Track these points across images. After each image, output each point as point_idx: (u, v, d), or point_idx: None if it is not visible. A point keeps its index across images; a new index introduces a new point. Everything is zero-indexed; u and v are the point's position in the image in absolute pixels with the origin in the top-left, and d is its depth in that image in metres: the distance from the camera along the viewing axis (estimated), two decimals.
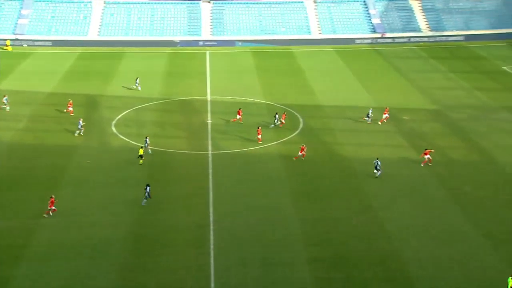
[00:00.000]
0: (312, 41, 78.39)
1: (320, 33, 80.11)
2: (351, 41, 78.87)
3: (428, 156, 40.14)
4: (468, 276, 28.75)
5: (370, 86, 59.48)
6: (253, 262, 30.13)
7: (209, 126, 48.09)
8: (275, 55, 72.42)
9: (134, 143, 44.05)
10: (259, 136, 44.11)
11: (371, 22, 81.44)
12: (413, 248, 31.02)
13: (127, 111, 51.47)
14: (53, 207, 33.73)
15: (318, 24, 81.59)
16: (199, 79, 62.01)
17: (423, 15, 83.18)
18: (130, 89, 57.20)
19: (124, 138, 45.24)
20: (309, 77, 62.56)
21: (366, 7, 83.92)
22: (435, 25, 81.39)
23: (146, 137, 42.64)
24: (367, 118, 48.41)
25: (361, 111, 51.58)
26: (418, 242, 31.56)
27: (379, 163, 38.72)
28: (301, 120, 49.67)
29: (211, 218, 33.98)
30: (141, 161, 40.22)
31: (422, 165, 40.11)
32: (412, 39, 79.30)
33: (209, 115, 50.80)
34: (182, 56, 71.86)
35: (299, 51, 74.16)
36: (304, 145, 41.75)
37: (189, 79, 61.41)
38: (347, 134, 46.03)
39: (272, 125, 47.03)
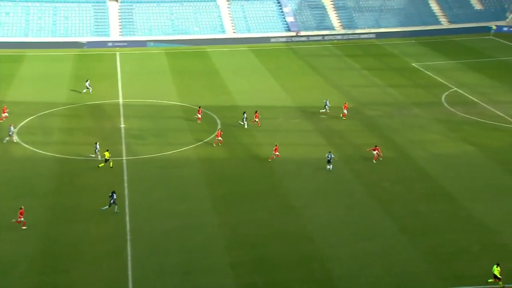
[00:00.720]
0: (226, 40, 78.64)
1: (234, 32, 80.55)
2: (266, 40, 79.95)
3: (376, 151, 41.65)
4: (388, 270, 29.93)
5: (287, 85, 60.56)
6: (173, 271, 29.69)
7: (123, 131, 46.87)
8: (189, 56, 71.92)
9: (41, 152, 42.04)
10: (220, 138, 43.86)
11: (285, 21, 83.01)
12: (333, 246, 31.86)
13: (31, 118, 49.04)
14: (22, 218, 32.39)
15: (232, 23, 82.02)
16: (110, 82, 60.29)
17: (336, 13, 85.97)
18: (81, 92, 55.20)
19: (29, 147, 43.07)
20: (225, 77, 62.69)
21: (280, 5, 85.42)
22: (348, 23, 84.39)
23: (96, 143, 41.48)
24: (324, 109, 50.21)
25: (279, 111, 52.40)
26: (338, 240, 32.46)
27: (332, 156, 39.89)
28: (218, 121, 49.63)
29: (127, 228, 33.10)
30: (108, 164, 39.98)
31: (374, 161, 41.50)
32: (326, 37, 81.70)
33: (122, 119, 49.51)
34: (90, 58, 69.54)
35: (214, 51, 74.13)
36: (277, 145, 42.09)
37: (99, 82, 59.54)
38: (266, 135, 46.54)
39: (241, 123, 47.44)
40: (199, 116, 48.87)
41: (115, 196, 34.23)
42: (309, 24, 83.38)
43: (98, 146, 41.60)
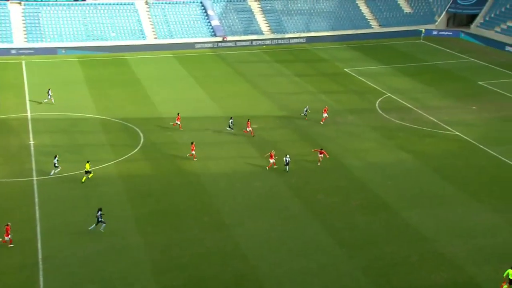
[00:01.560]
0: (147, 46, 78.13)
1: (155, 38, 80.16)
2: (190, 45, 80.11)
3: (322, 155, 43.92)
4: (325, 287, 30.69)
5: (215, 93, 60.91)
6: None
7: (32, 148, 45.44)
8: (106, 64, 70.81)
9: None
10: (193, 153, 44.11)
11: (210, 25, 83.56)
12: (269, 264, 32.31)
13: None
14: (9, 237, 32.48)
15: (153, 28, 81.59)
16: (15, 93, 58.28)
17: (263, 17, 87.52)
18: (40, 103, 53.30)
19: None
20: (147, 86, 62.22)
21: (204, 9, 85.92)
22: (276, 27, 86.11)
23: (56, 156, 41.55)
24: (304, 114, 52.77)
25: (207, 121, 52.63)
26: (274, 257, 32.95)
27: (289, 159, 42.35)
28: (141, 135, 49.16)
29: (39, 256, 32.07)
30: (90, 175, 40.62)
31: (318, 163, 43.89)
32: (254, 42, 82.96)
33: (31, 135, 47.98)
34: None
35: (134, 58, 73.41)
36: (273, 151, 43.72)
37: (3, 94, 57.41)
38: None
39: (228, 128, 49.71)
40: (178, 123, 50.10)
41: (100, 213, 34.23)
42: (236, 29, 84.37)
43: (57, 159, 41.45)
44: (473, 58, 75.11)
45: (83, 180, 40.46)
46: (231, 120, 50.22)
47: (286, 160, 42.73)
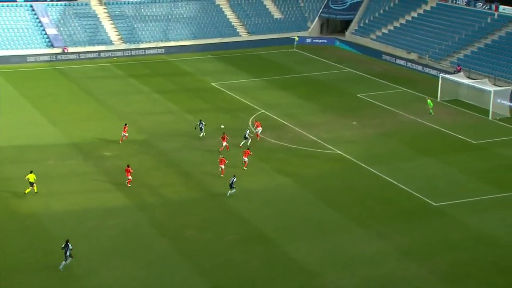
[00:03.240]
0: None
1: None
2: (21, 59, 77.39)
3: (246, 158, 47.48)
4: None
5: (56, 116, 59.20)
6: None
7: None
8: None
9: None
10: (129, 177, 44.81)
11: (45, 34, 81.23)
12: None
13: None
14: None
15: None
16: None
17: (112, 24, 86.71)
18: None
19: None
20: None
21: (35, 14, 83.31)
22: (129, 36, 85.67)
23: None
24: (245, 141, 53.47)
25: (48, 151, 51.14)
26: None
27: (234, 180, 44.10)
28: None
29: None
30: (33, 188, 42.44)
31: (244, 168, 47.10)
32: (102, 54, 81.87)
33: None
34: None
35: None
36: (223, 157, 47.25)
37: None
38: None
39: (199, 129, 54.19)
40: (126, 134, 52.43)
41: (70, 247, 34.89)
42: (79, 38, 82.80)
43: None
44: (350, 68, 79.61)
45: (26, 192, 42.23)
46: (201, 124, 54.33)
47: (231, 181, 44.06)
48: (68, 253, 34.83)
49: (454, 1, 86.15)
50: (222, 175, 46.65)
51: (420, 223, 41.48)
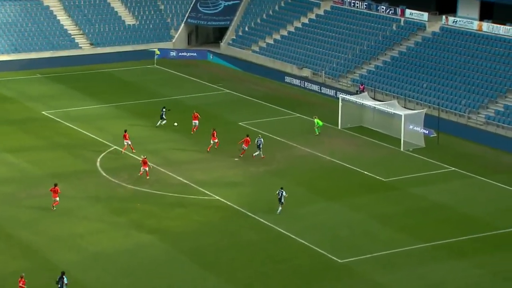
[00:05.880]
0: None
1: None
2: None
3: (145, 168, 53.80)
4: None
5: None
6: None
7: None
8: None
9: None
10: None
11: None
12: None
13: None
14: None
15: None
16: None
17: None
18: None
19: None
20: None
21: None
22: None
23: None
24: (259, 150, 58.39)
25: None
26: None
27: (283, 194, 48.83)
28: None
29: None
30: None
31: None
32: None
33: None
34: None
35: None
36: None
37: None
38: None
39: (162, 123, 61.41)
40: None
41: (65, 281, 37.35)
42: None
43: None
44: (228, 89, 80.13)
45: None
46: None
47: (280, 194, 49.32)
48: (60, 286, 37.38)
49: (352, 4, 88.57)
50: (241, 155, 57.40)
51: (323, 286, 41.73)
